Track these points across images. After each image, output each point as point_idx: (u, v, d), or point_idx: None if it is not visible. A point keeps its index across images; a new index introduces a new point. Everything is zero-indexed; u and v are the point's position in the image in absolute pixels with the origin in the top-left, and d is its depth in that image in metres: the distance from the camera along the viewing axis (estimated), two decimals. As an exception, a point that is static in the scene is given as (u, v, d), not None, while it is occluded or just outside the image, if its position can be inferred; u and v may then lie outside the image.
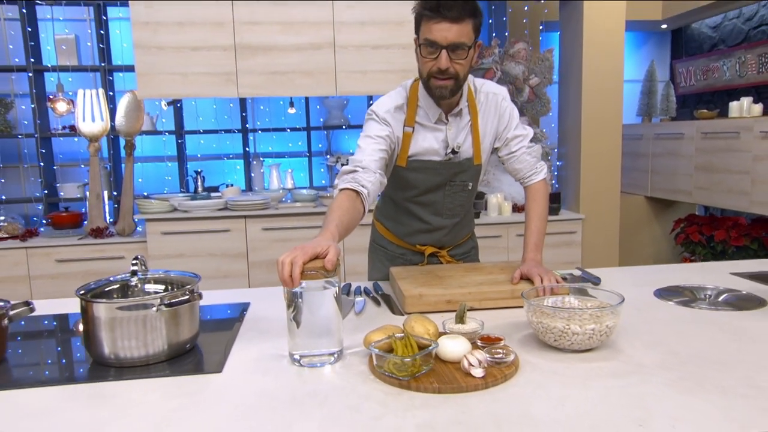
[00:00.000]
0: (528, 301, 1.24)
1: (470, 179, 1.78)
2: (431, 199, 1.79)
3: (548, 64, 4.08)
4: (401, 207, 1.84)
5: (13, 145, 4.30)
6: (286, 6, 3.51)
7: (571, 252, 3.98)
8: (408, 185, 1.76)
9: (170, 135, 4.33)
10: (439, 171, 1.73)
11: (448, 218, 1.84)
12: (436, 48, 1.52)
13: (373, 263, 2.01)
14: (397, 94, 1.72)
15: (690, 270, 1.92)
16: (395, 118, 1.68)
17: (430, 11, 1.50)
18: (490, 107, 1.74)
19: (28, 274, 3.54)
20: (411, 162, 1.71)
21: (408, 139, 1.69)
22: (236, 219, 3.58)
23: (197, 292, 1.25)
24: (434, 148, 1.70)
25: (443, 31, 1.49)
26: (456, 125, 1.71)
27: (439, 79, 1.56)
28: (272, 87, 3.58)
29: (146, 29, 3.43)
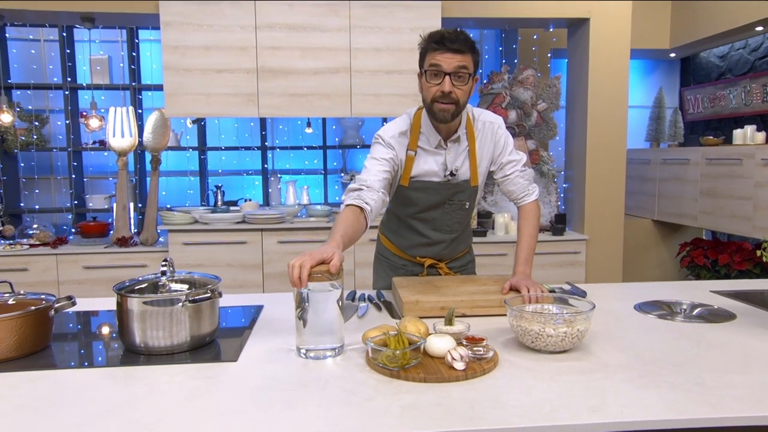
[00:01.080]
0: (510, 306, 1.39)
1: (467, 199, 1.94)
2: (431, 215, 1.95)
3: (555, 90, 4.24)
4: (404, 222, 2.01)
5: (48, 158, 4.56)
6: (306, 33, 3.74)
7: (575, 272, 4.10)
8: (410, 203, 1.92)
9: (194, 151, 4.56)
10: (439, 191, 1.90)
11: (446, 233, 2.00)
12: (440, 73, 1.69)
13: (378, 273, 2.17)
14: (402, 121, 1.89)
15: (673, 287, 2.05)
16: (399, 143, 1.85)
17: (436, 43, 1.69)
18: (486, 134, 1.91)
19: (57, 279, 3.75)
20: (413, 182, 1.88)
21: (411, 161, 1.86)
22: (253, 232, 3.77)
23: (218, 291, 1.42)
24: (434, 170, 1.87)
25: (447, 59, 1.68)
26: (454, 150, 1.88)
27: (442, 103, 1.72)
28: (291, 108, 3.79)
29: (175, 53, 3.67)
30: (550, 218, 4.31)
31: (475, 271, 2.27)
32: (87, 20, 3.86)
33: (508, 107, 4.27)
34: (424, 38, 1.74)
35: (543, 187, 4.34)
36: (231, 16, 3.68)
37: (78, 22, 3.91)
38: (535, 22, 4.19)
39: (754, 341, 1.45)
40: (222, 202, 4.68)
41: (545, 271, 4.06)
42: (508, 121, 4.27)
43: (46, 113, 4.47)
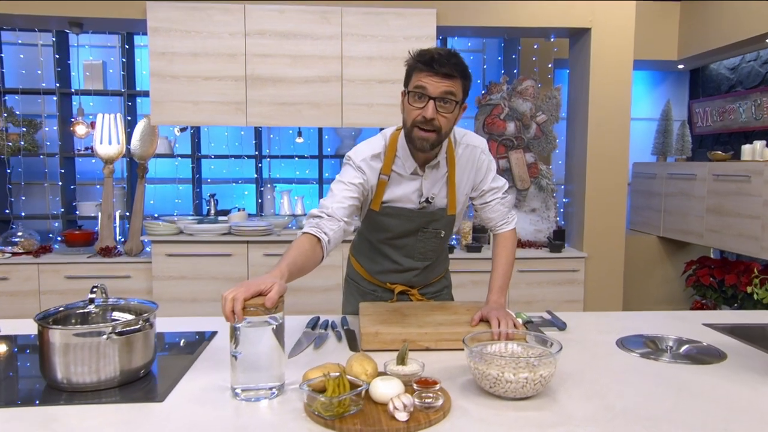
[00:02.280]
0: (467, 346, 1.26)
1: (443, 227, 1.82)
2: (404, 242, 1.83)
3: (555, 102, 4.10)
4: (375, 247, 1.88)
5: (39, 163, 4.50)
6: (297, 40, 3.64)
7: (573, 290, 3.94)
8: (381, 228, 1.80)
9: (185, 159, 4.47)
10: (412, 218, 1.77)
11: (419, 261, 1.87)
12: (424, 97, 1.54)
13: (347, 297, 2.05)
14: (376, 143, 1.75)
15: (663, 318, 1.91)
16: (370, 167, 1.70)
17: (424, 64, 1.53)
18: (468, 160, 1.77)
19: (39, 289, 3.67)
20: (384, 208, 1.75)
21: (383, 186, 1.73)
22: (239, 244, 3.66)
23: (150, 322, 1.30)
24: (408, 197, 1.74)
25: (434, 82, 1.53)
26: (432, 176, 1.74)
27: (423, 130, 1.58)
28: (280, 117, 3.68)
29: (162, 59, 3.58)
30: (548, 234, 4.15)
31: (452, 296, 2.14)
32: (75, 25, 3.79)
33: (507, 119, 4.14)
34: (413, 56, 1.59)
35: (541, 202, 4.19)
36: (220, 22, 3.59)
37: (66, 27, 3.84)
38: (536, 31, 4.06)
39: (742, 389, 1.30)
40: (215, 211, 4.59)
41: (541, 289, 3.91)
42: (506, 133, 4.14)
43: (40, 118, 4.41)
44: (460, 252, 3.95)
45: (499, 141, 4.16)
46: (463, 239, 4.03)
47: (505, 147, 4.16)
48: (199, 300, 3.66)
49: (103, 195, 3.87)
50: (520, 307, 3.89)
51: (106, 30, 4.17)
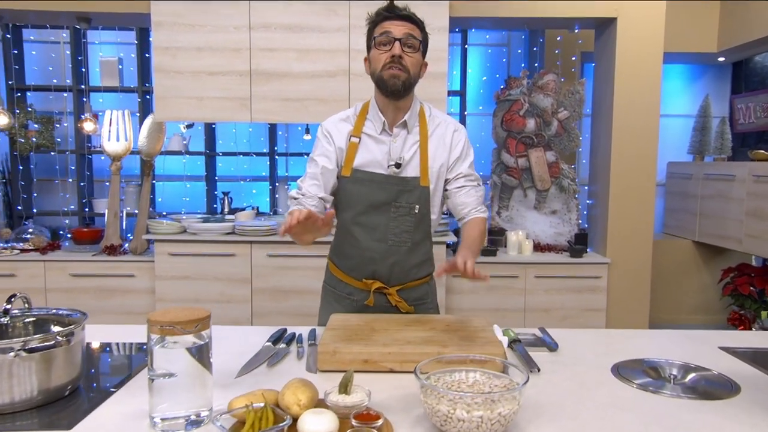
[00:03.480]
0: (418, 376, 1.08)
1: (417, 201, 1.72)
2: (374, 221, 1.73)
3: (578, 97, 3.85)
4: (347, 231, 1.78)
5: (56, 160, 4.51)
6: (303, 33, 3.50)
7: (595, 299, 3.68)
8: (351, 201, 1.74)
9: (193, 156, 4.41)
10: (383, 185, 1.71)
11: (393, 245, 1.74)
12: (390, 40, 1.63)
13: (323, 305, 1.92)
14: (348, 110, 1.81)
15: (671, 338, 1.68)
16: (338, 129, 1.76)
17: (386, 11, 1.66)
18: (443, 134, 1.77)
19: (45, 286, 3.65)
20: (355, 172, 1.72)
21: (353, 149, 1.73)
22: (242, 244, 3.55)
23: (67, 338, 1.17)
24: (377, 160, 1.72)
25: (397, 25, 1.64)
26: (401, 139, 1.73)
27: (393, 69, 1.63)
28: (286, 113, 3.56)
29: (166, 54, 3.50)
30: (569, 238, 3.91)
31: (437, 306, 1.96)
32: (83, 20, 3.76)
33: (527, 115, 3.91)
34: (371, 15, 1.70)
35: (562, 203, 3.94)
36: (225, 15, 3.48)
37: (75, 23, 3.81)
38: (558, 22, 3.82)
39: (752, 433, 1.09)
40: (229, 209, 4.51)
41: (560, 296, 3.67)
42: (525, 130, 3.91)
43: (61, 114, 4.41)
44: (473, 255, 3.74)
45: (519, 138, 3.93)
46: (478, 242, 3.82)
47: (525, 145, 3.93)
48: (202, 300, 3.57)
49: (109, 192, 3.83)
50: (537, 316, 3.66)
51: (114, 25, 4.13)
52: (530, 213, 3.97)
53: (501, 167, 3.98)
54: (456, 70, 4.52)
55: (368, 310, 1.80)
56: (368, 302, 1.79)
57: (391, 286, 1.79)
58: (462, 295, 3.66)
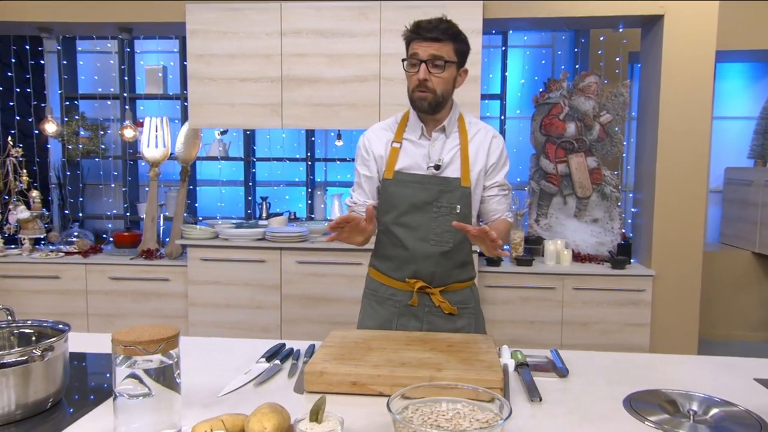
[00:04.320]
0: (389, 409, 1.01)
1: (458, 201, 1.75)
2: (416, 220, 1.75)
3: (622, 100, 3.65)
4: (389, 233, 1.81)
5: (102, 165, 4.67)
6: (334, 38, 3.47)
7: (638, 313, 3.48)
8: (392, 203, 1.77)
9: (228, 161, 4.47)
10: (425, 186, 1.74)
11: (435, 245, 1.75)
12: (416, 62, 1.67)
13: (364, 311, 1.90)
14: (391, 119, 1.87)
15: (701, 365, 1.53)
16: (378, 137, 1.82)
17: (412, 32, 1.69)
18: (482, 140, 1.81)
19: (86, 288, 3.76)
20: (397, 174, 1.76)
21: (395, 153, 1.78)
22: (273, 250, 3.55)
23: (40, 353, 1.16)
24: (417, 163, 1.77)
25: (423, 47, 1.66)
26: (440, 142, 1.78)
27: (419, 92, 1.69)
28: (316, 119, 3.54)
29: (200, 61, 3.55)
30: (612, 248, 3.71)
31: (482, 313, 1.93)
32: (125, 31, 3.86)
33: (566, 119, 3.74)
34: (405, 31, 1.73)
35: (604, 212, 3.75)
36: (256, 21, 3.50)
37: (117, 33, 3.92)
38: (601, 21, 3.63)
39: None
40: (267, 214, 4.55)
41: (600, 309, 3.48)
42: (565, 135, 3.75)
43: (109, 121, 4.57)
44: (508, 265, 3.61)
45: (558, 143, 3.77)
46: (513, 251, 3.68)
47: (565, 150, 3.76)
48: (233, 306, 3.59)
49: (148, 197, 3.92)
50: (575, 329, 3.49)
51: (155, 35, 4.23)
52: (570, 221, 3.79)
53: (540, 173, 3.83)
54: (494, 73, 4.40)
55: (412, 311, 1.79)
56: (412, 302, 1.79)
57: (434, 287, 1.79)
58: (495, 305, 3.53)
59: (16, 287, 3.78)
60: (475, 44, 3.36)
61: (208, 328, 3.61)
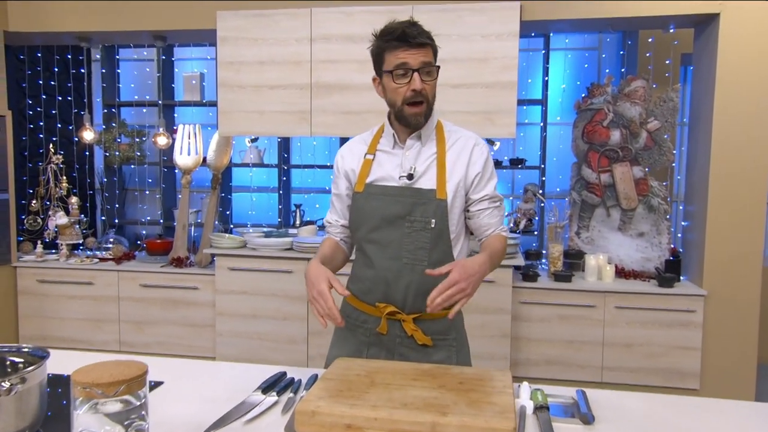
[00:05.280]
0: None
1: (432, 215, 1.60)
2: (388, 236, 1.61)
3: (672, 105, 3.40)
4: (360, 252, 1.70)
5: (137, 172, 4.72)
6: (364, 44, 3.34)
7: (689, 336, 3.22)
8: (364, 217, 1.65)
9: (275, 168, 4.45)
10: (396, 198, 1.61)
11: (408, 263, 1.60)
12: (408, 72, 1.55)
13: (334, 341, 1.76)
14: (367, 132, 1.79)
15: (747, 413, 1.33)
16: (351, 151, 1.74)
17: (397, 41, 1.56)
18: (462, 148, 1.67)
19: (118, 295, 3.79)
20: (368, 187, 1.65)
21: (367, 166, 1.67)
22: (300, 261, 3.47)
23: (8, 386, 1.08)
24: (390, 173, 1.65)
25: (412, 55, 1.54)
26: (415, 150, 1.65)
27: (414, 105, 1.57)
28: (345, 126, 3.45)
29: (230, 69, 3.52)
30: (659, 264, 3.46)
31: (468, 348, 1.75)
32: (159, 39, 3.88)
33: (611, 126, 3.52)
34: (379, 36, 1.63)
35: (651, 225, 3.50)
36: (286, 28, 3.43)
37: (152, 41, 3.94)
38: (649, 21, 3.40)
39: None
40: (300, 221, 4.49)
41: (646, 331, 3.24)
42: (609, 143, 3.52)
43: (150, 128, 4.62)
44: (546, 280, 3.41)
45: (602, 152, 3.55)
46: (552, 265, 3.48)
47: (609, 159, 3.54)
48: (259, 316, 3.53)
49: (179, 205, 3.92)
50: (617, 351, 3.27)
51: (189, 42, 4.24)
52: (614, 234, 3.56)
53: (581, 183, 3.62)
54: (532, 77, 4.21)
55: (382, 341, 1.64)
56: (380, 329, 1.63)
57: (408, 313, 1.62)
58: (530, 323, 3.35)
59: (52, 292, 3.84)
60: (511, 48, 3.23)
61: (234, 338, 3.56)
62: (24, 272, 3.88)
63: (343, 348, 1.69)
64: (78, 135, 4.11)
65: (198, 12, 3.62)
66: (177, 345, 3.74)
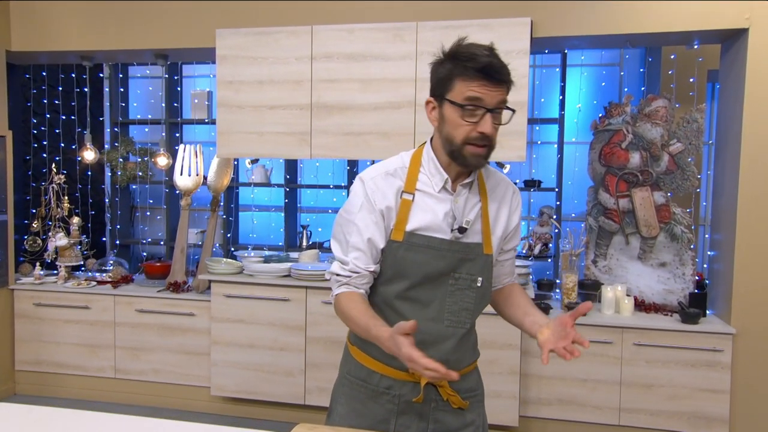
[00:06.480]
0: None
1: (479, 273, 1.44)
2: (429, 296, 1.42)
3: (696, 127, 3.17)
4: (388, 310, 1.43)
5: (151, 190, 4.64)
6: (366, 62, 3.22)
7: (715, 378, 2.95)
8: (401, 272, 1.41)
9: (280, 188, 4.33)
10: (443, 253, 1.40)
11: (451, 326, 1.42)
12: (479, 110, 1.31)
13: (348, 404, 1.50)
14: (392, 160, 1.47)
15: None
16: (386, 185, 1.41)
17: (477, 71, 1.29)
18: (503, 195, 1.50)
19: (114, 320, 3.67)
20: (409, 236, 1.39)
21: (407, 207, 1.40)
22: (298, 288, 3.31)
23: None
24: (438, 223, 1.40)
25: (490, 92, 1.30)
26: (464, 198, 1.43)
27: (479, 146, 1.34)
28: (345, 148, 3.29)
29: (230, 88, 3.40)
30: (682, 298, 3.20)
31: (484, 399, 1.58)
32: (161, 57, 3.79)
33: (630, 148, 3.30)
34: (453, 57, 1.33)
35: (674, 255, 3.25)
36: (286, 46, 3.31)
37: (154, 60, 3.86)
38: (671, 37, 3.18)
39: None
40: (307, 243, 4.35)
41: (668, 371, 2.99)
42: (628, 166, 3.30)
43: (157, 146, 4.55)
44: (558, 314, 3.18)
45: (620, 176, 3.32)
46: (565, 297, 3.26)
47: (628, 183, 3.31)
48: (256, 346, 3.37)
49: (178, 227, 3.80)
50: (636, 392, 3.02)
51: (192, 60, 4.16)
52: (633, 264, 3.32)
53: (598, 208, 3.39)
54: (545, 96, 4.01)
55: (415, 408, 1.45)
56: (417, 399, 1.43)
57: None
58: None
59: (48, 316, 3.75)
60: (521, 66, 3.04)
61: (230, 368, 3.41)
62: (21, 295, 3.79)
63: (366, 417, 1.46)
64: (79, 154, 4.04)
65: (198, 30, 3.52)
66: (172, 373, 3.60)
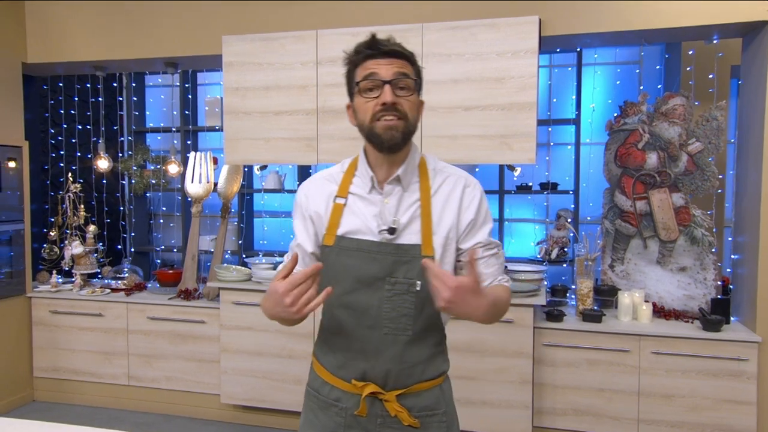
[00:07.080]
0: None
1: (418, 276, 1.35)
2: (365, 302, 1.36)
3: (716, 125, 3.03)
4: (331, 318, 1.43)
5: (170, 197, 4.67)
6: (372, 65, 3.17)
7: (740, 389, 2.81)
8: (335, 277, 1.37)
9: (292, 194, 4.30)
10: (374, 255, 1.36)
11: (390, 333, 1.36)
12: (377, 85, 1.33)
13: (305, 416, 1.50)
14: (335, 166, 1.52)
15: None
16: (319, 190, 1.46)
17: (367, 48, 1.36)
18: (450, 191, 1.42)
19: (127, 327, 3.69)
20: (339, 240, 1.38)
21: (338, 212, 1.41)
22: (306, 295, 3.27)
23: None
24: (367, 225, 1.38)
25: (384, 65, 1.34)
26: (396, 198, 1.40)
27: (388, 118, 1.32)
28: (352, 153, 3.22)
29: (236, 95, 3.39)
30: (703, 304, 3.06)
31: (457, 422, 1.49)
32: (170, 65, 3.81)
33: (647, 148, 3.18)
34: (347, 58, 1.43)
35: (695, 259, 3.11)
36: (292, 51, 3.28)
37: (164, 68, 3.88)
38: (688, 32, 3.05)
39: None
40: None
41: (688, 381, 2.86)
42: (645, 167, 3.18)
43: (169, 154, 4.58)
44: (573, 321, 3.08)
45: (636, 177, 3.20)
46: (580, 303, 3.15)
47: (645, 185, 3.19)
48: (265, 354, 3.35)
49: (190, 235, 3.80)
50: (655, 403, 2.89)
51: (202, 68, 4.17)
52: (651, 269, 3.19)
53: (614, 211, 3.27)
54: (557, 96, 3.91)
55: (361, 423, 1.39)
56: (358, 412, 1.38)
57: (389, 390, 1.38)
58: (555, 368, 3.01)
59: (64, 323, 3.79)
60: (529, 66, 2.96)
61: (239, 376, 3.39)
62: (38, 303, 3.85)
63: (316, 429, 1.44)
64: (94, 163, 4.08)
65: (206, 37, 3.52)
66: (184, 380, 3.60)
